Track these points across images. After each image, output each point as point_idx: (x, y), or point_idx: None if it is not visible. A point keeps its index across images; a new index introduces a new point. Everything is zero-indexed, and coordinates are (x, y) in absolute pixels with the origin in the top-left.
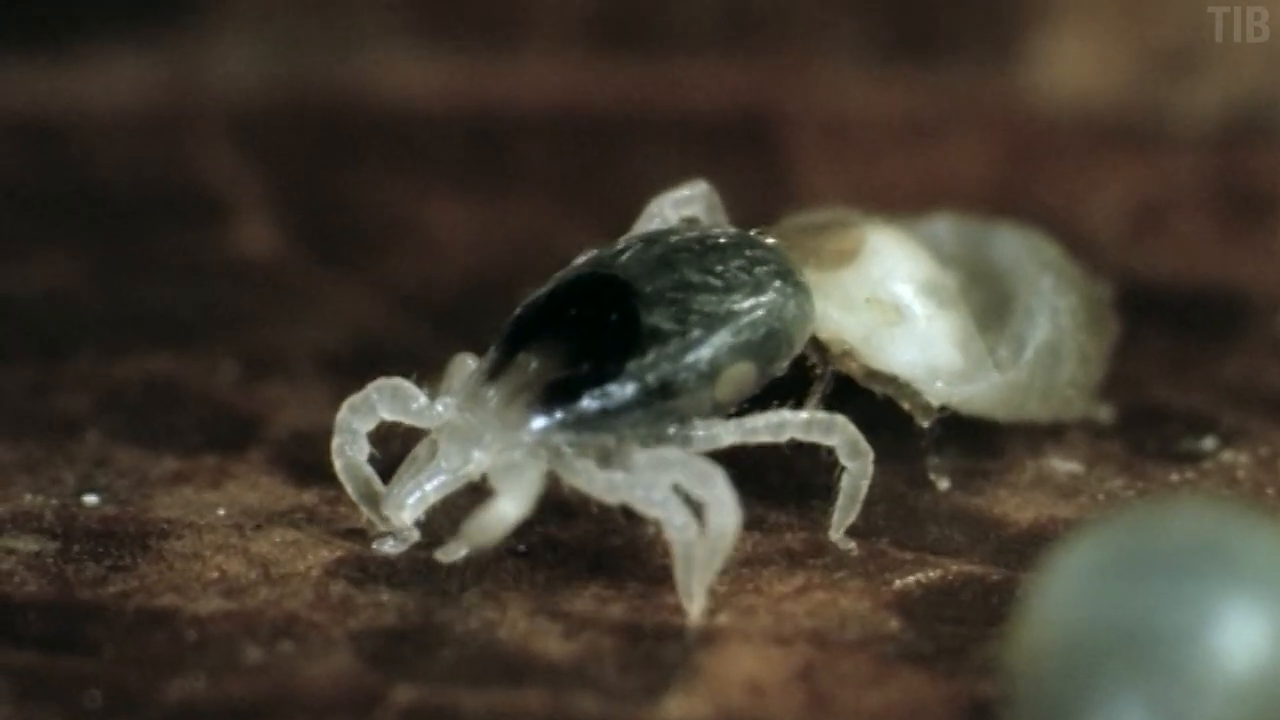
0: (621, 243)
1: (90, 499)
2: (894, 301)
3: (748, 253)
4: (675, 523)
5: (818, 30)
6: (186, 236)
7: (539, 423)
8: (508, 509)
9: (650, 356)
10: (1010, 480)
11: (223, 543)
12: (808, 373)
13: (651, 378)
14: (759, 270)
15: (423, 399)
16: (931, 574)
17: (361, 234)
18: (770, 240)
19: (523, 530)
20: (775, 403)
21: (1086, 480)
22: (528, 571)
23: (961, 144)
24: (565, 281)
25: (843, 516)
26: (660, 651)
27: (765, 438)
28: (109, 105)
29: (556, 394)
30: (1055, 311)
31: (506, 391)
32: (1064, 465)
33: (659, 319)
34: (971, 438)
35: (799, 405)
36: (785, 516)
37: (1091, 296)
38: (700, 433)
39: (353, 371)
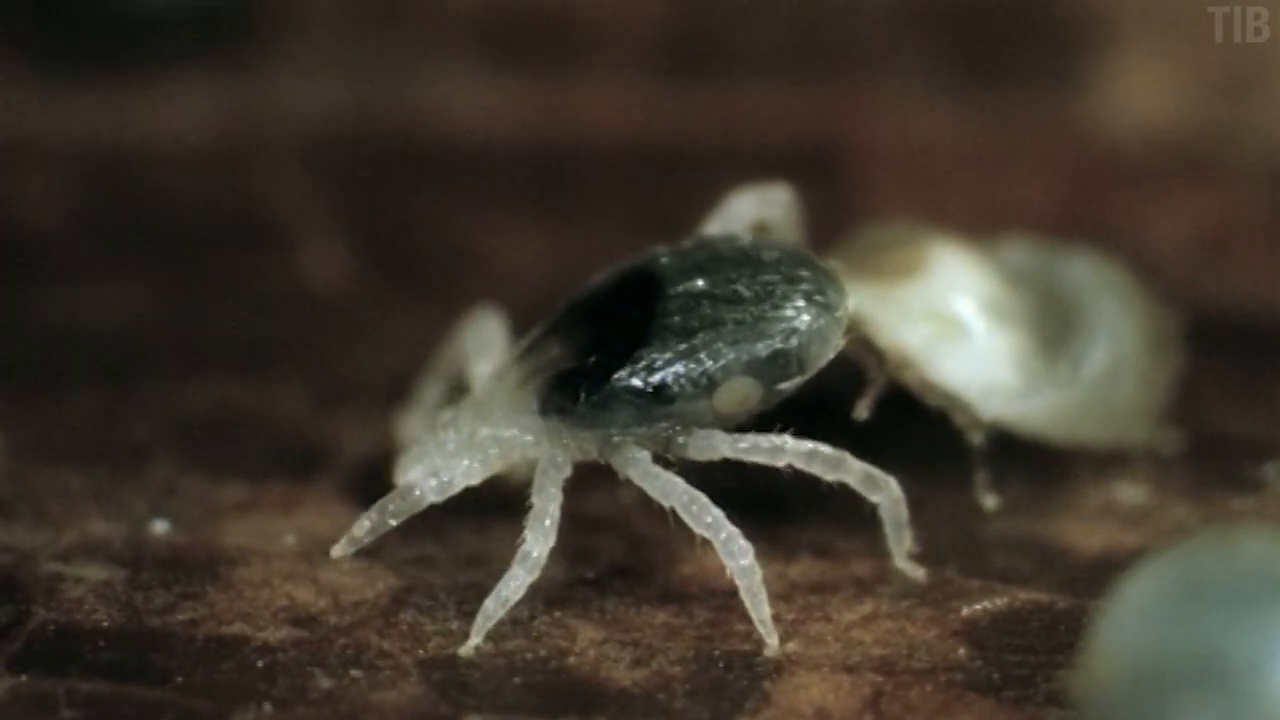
0: (681, 242)
1: (159, 526)
2: (953, 316)
3: (787, 270)
4: (729, 547)
5: (885, 59)
6: (255, 264)
7: (543, 410)
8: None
9: (650, 359)
10: (1077, 508)
11: (292, 570)
12: (863, 378)
13: (647, 380)
14: (788, 289)
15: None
16: (999, 602)
17: (429, 261)
18: (823, 262)
19: (591, 558)
20: (783, 427)
21: (1152, 508)
22: (597, 599)
23: (1028, 172)
24: (611, 274)
25: (897, 543)
26: (729, 679)
27: (760, 459)
28: (178, 134)
29: (562, 383)
30: (1116, 335)
31: (523, 374)
32: (1130, 493)
33: (672, 322)
34: (1038, 466)
35: (849, 411)
36: (852, 544)
37: (1156, 323)
38: (696, 441)
39: None
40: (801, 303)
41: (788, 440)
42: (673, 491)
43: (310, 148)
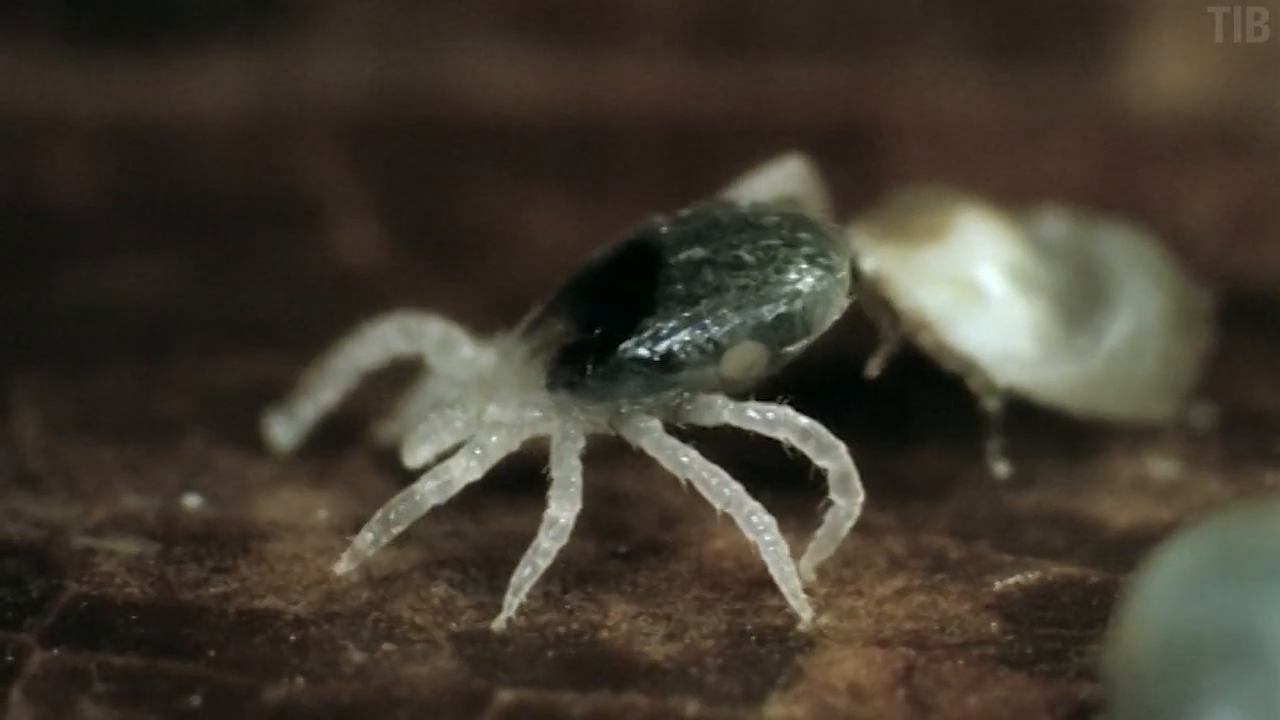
0: (679, 211)
1: (192, 501)
2: (974, 281)
3: (787, 234)
4: (751, 521)
5: (918, 34)
6: (288, 239)
7: (550, 385)
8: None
9: (655, 328)
10: (1109, 482)
11: (324, 545)
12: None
13: (654, 350)
14: (791, 253)
15: (466, 349)
16: (1031, 576)
17: (462, 238)
18: (824, 224)
19: (624, 533)
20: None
21: (1184, 482)
22: (630, 574)
23: (1060, 147)
24: (611, 247)
25: (817, 551)
26: (761, 654)
27: (760, 429)
28: (211, 110)
29: (568, 358)
30: (1140, 309)
31: (529, 350)
32: (1162, 467)
33: (675, 291)
34: (1070, 440)
35: (854, 380)
36: (885, 519)
37: (1184, 300)
38: (702, 407)
39: None
40: (804, 265)
41: (788, 413)
42: (690, 465)
43: (343, 124)
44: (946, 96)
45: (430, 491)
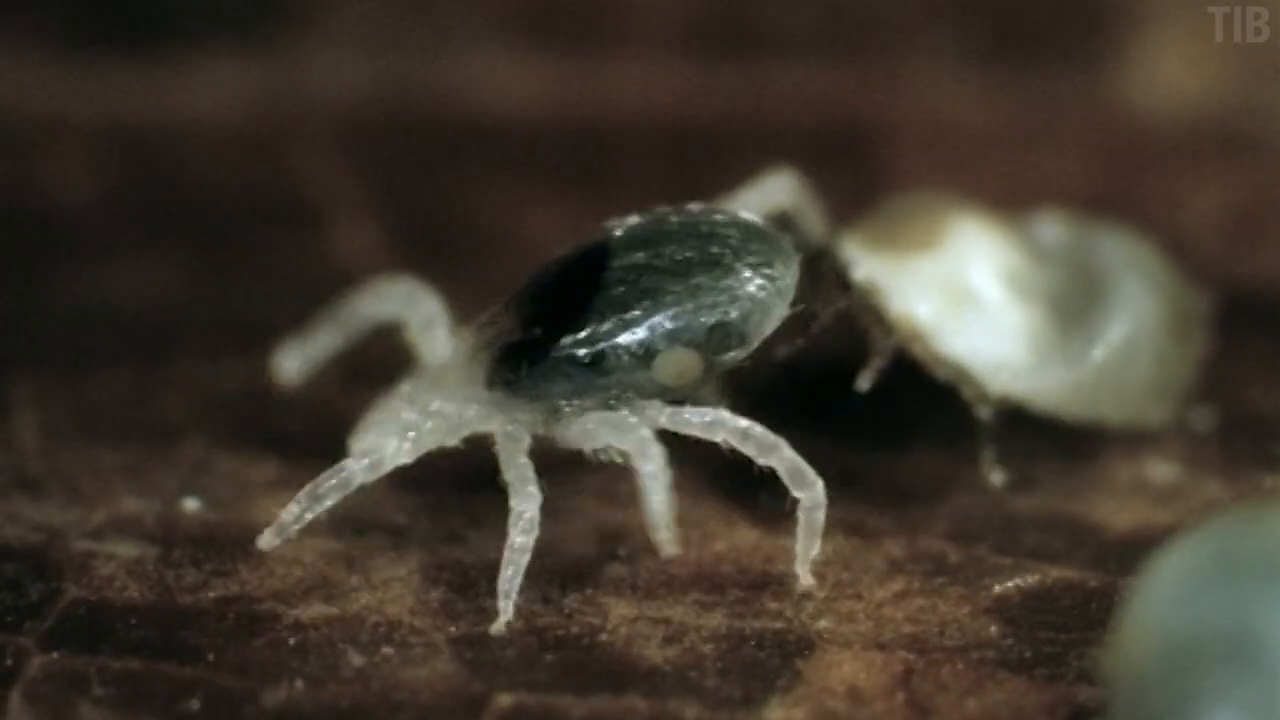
0: (637, 214)
1: (191, 504)
2: (966, 289)
3: (736, 242)
4: (646, 468)
5: (917, 37)
6: (287, 242)
7: (489, 383)
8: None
9: (589, 331)
10: (1108, 486)
11: (324, 548)
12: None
13: (585, 352)
14: (733, 261)
15: (443, 335)
16: (1030, 579)
17: (461, 240)
18: (777, 234)
19: (623, 536)
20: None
21: (1184, 485)
22: (629, 577)
23: (1059, 150)
24: (569, 248)
25: (804, 549)
26: (761, 657)
27: (697, 432)
28: (210, 112)
29: (507, 356)
30: (1135, 314)
31: (475, 347)
32: (1161, 470)
33: (612, 294)
34: (1069, 444)
35: (852, 383)
36: (884, 522)
37: (1182, 303)
38: (636, 411)
39: None
40: (745, 274)
41: (724, 414)
42: (628, 434)
43: (342, 126)
44: (946, 99)
45: (360, 470)
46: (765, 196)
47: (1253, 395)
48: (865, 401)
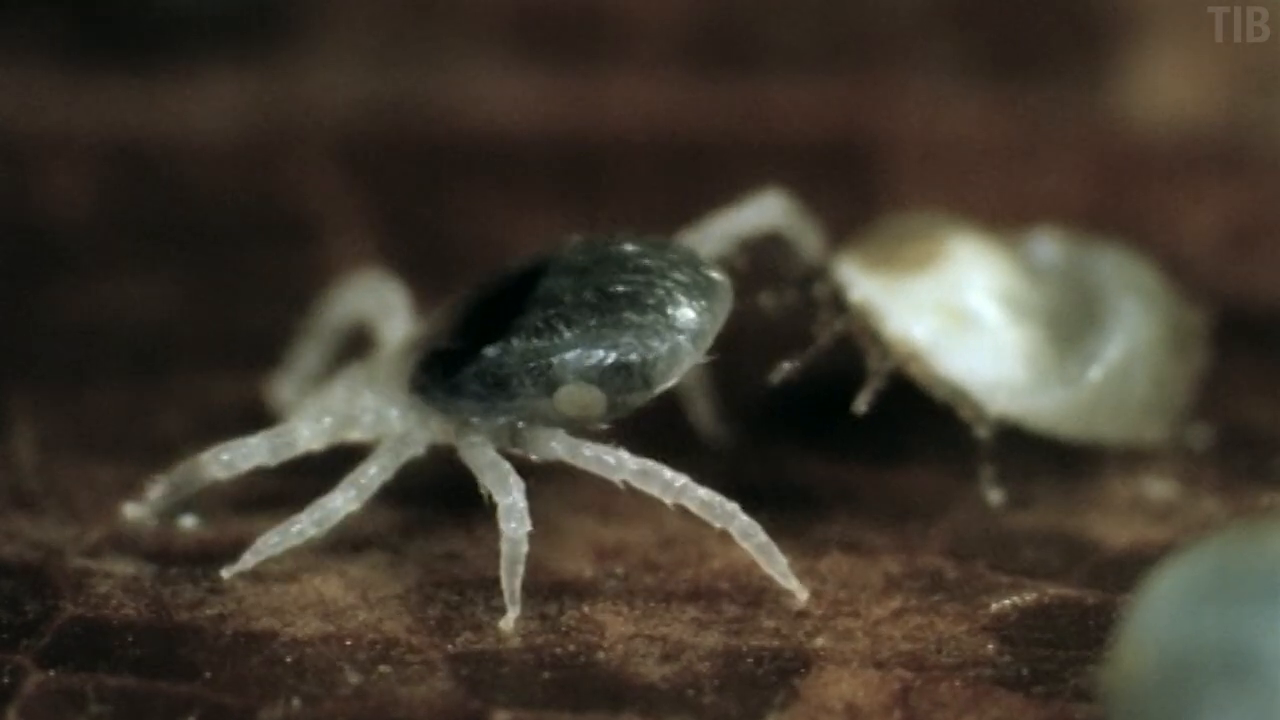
0: (586, 237)
1: (188, 521)
2: (963, 310)
3: (661, 280)
4: (506, 522)
5: (914, 52)
6: (285, 258)
7: (409, 386)
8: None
9: (498, 352)
10: (1105, 503)
11: (320, 565)
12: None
13: (492, 373)
14: (659, 303)
15: (401, 322)
16: (1028, 597)
17: (458, 255)
18: (712, 275)
19: (620, 553)
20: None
21: (1181, 503)
22: (626, 595)
23: (1057, 165)
24: (517, 262)
25: (774, 570)
26: (758, 675)
27: (594, 468)
28: (208, 128)
29: (430, 363)
30: (1132, 334)
31: (409, 346)
32: (1159, 488)
33: (530, 319)
34: (1066, 461)
35: (850, 399)
36: (881, 539)
37: (1179, 321)
38: (538, 439)
39: None
40: (663, 319)
41: (624, 456)
42: (482, 460)
43: (340, 142)
44: (943, 114)
45: (264, 448)
46: (754, 218)
47: (1250, 412)
48: (863, 418)
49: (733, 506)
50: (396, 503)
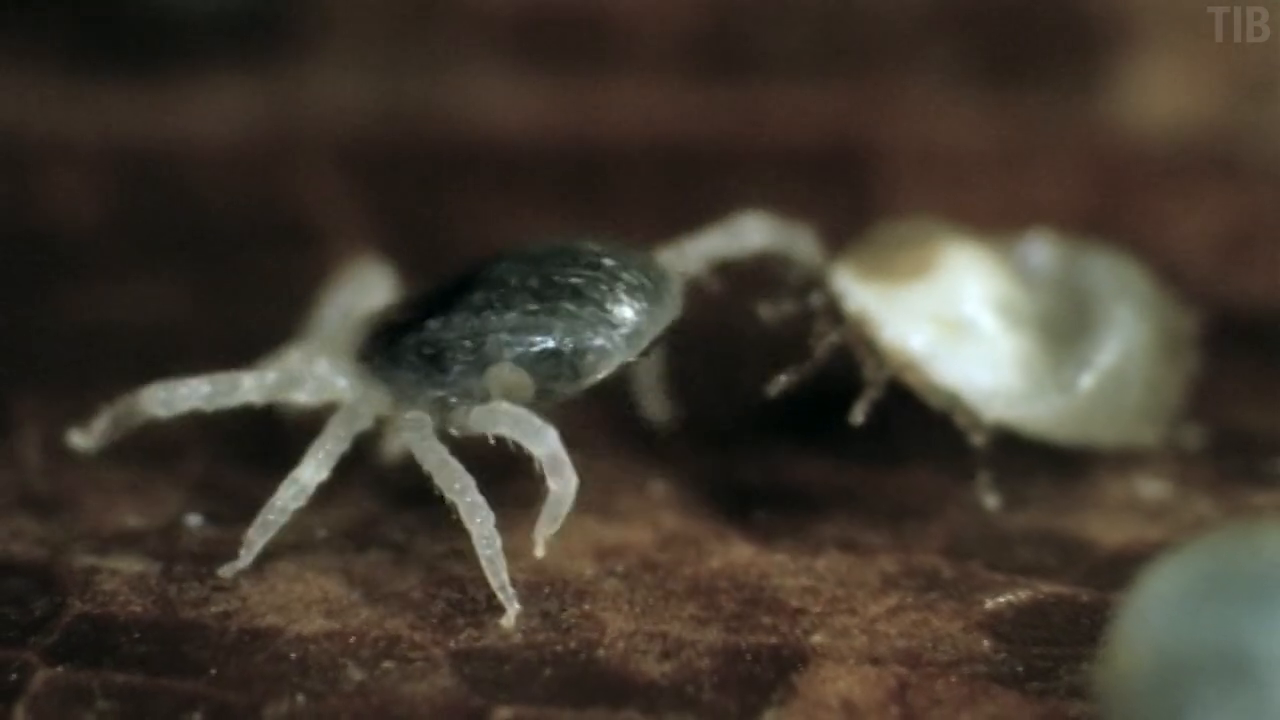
0: (559, 236)
1: (193, 520)
2: (958, 318)
3: (605, 277)
4: (471, 516)
5: (911, 59)
6: (288, 263)
7: (359, 354)
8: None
9: (438, 325)
10: (1099, 503)
11: (324, 563)
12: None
13: (429, 346)
14: (600, 299)
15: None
16: (1022, 595)
17: (460, 259)
18: (661, 277)
19: (620, 551)
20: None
21: (1175, 503)
22: (626, 593)
23: (1052, 171)
24: (480, 256)
25: (543, 529)
26: (756, 672)
27: (481, 426)
28: (212, 133)
29: (379, 334)
30: (1126, 339)
31: (357, 326)
32: (1152, 488)
33: (474, 298)
34: (1061, 461)
35: (848, 401)
36: (878, 538)
37: (1171, 326)
38: (472, 416)
39: None
40: (599, 314)
41: (505, 405)
42: (440, 465)
43: (344, 148)
44: (939, 121)
45: (203, 394)
46: (733, 242)
47: (1243, 414)
48: (848, 421)
49: (572, 475)
50: (400, 502)
